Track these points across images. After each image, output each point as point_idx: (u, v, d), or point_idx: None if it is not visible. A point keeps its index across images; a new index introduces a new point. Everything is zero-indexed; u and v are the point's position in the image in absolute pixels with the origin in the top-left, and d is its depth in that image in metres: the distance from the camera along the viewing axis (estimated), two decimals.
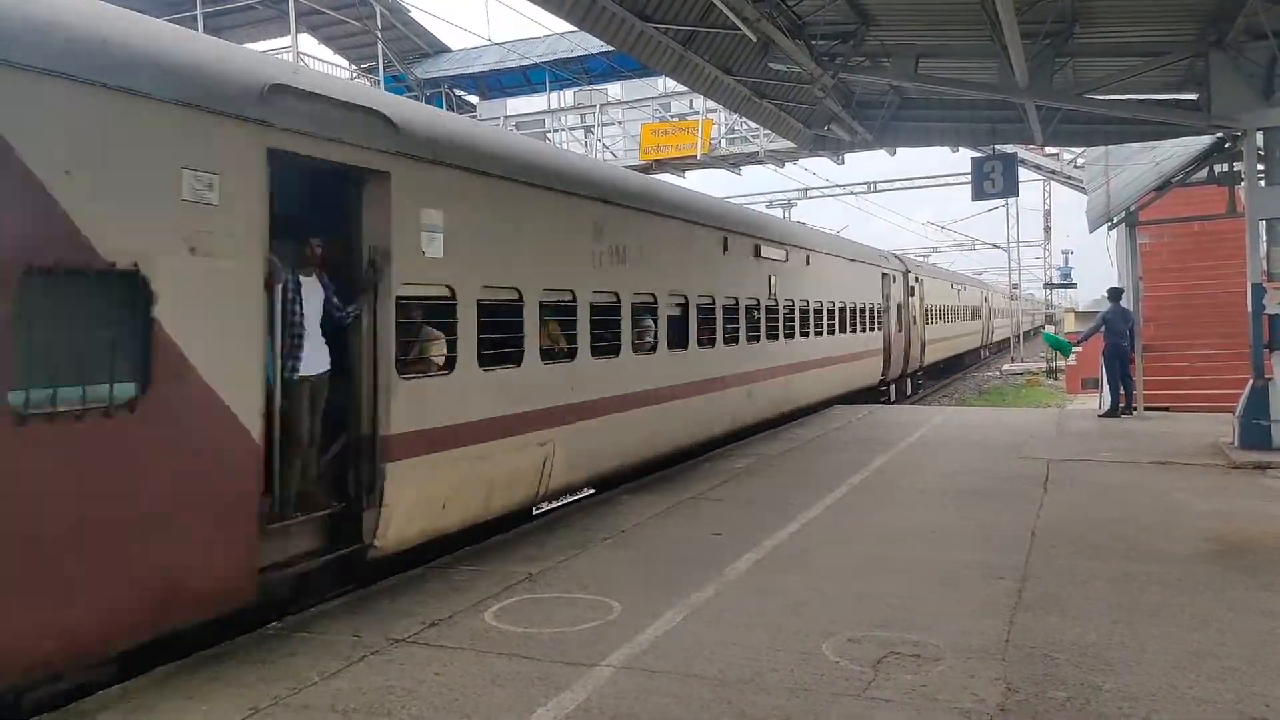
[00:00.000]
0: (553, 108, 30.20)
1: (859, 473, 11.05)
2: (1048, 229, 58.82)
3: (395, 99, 8.15)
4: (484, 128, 12.36)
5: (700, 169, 27.90)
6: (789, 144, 21.23)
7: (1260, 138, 12.21)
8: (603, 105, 28.94)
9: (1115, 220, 17.78)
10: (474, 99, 32.37)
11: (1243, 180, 13.72)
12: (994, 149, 17.29)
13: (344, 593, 6.75)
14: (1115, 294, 16.71)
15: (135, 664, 5.27)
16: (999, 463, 11.62)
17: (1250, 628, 5.55)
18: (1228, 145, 14.73)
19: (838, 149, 19.14)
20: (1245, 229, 12.33)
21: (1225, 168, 15.36)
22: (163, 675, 5.14)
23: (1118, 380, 16.27)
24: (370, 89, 9.12)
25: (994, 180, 16.19)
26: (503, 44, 30.21)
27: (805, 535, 8.06)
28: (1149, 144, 17.34)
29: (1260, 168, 12.28)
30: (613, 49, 13.30)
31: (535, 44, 29.53)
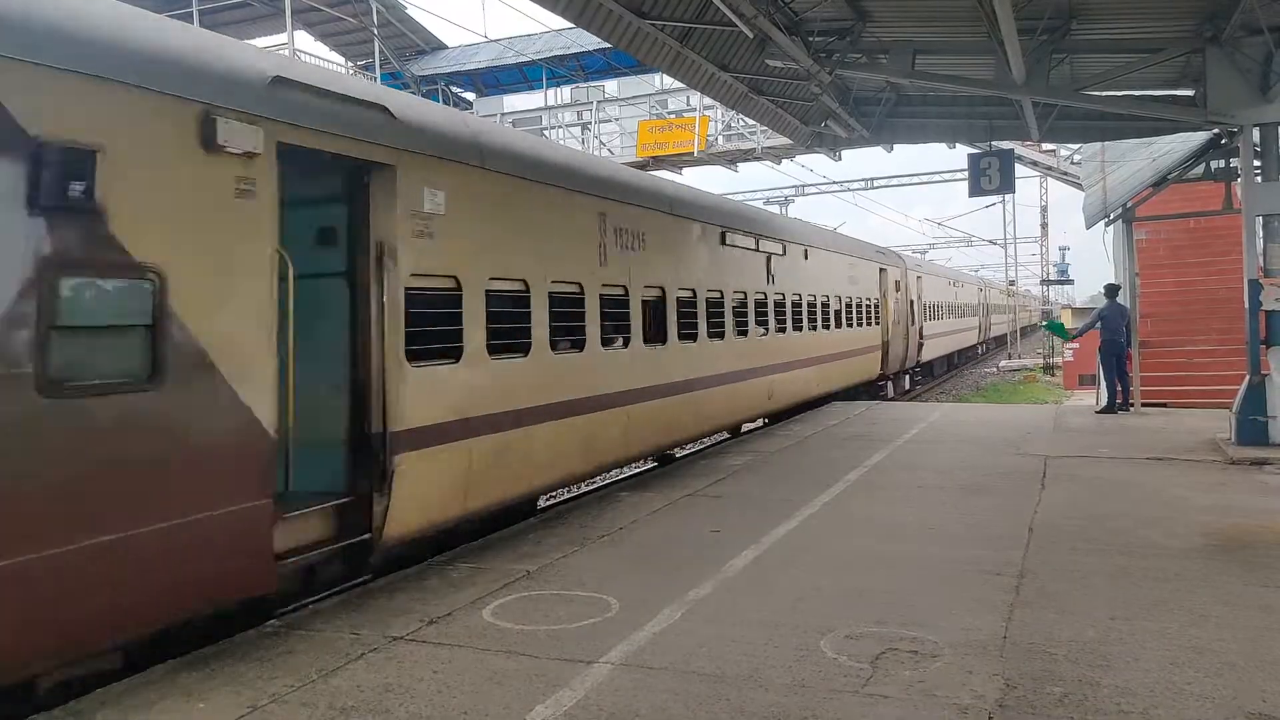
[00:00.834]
0: (549, 105, 30.18)
1: (856, 469, 11.05)
2: (1044, 225, 58.98)
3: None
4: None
5: (697, 166, 27.94)
6: (786, 140, 21.25)
7: (1257, 133, 12.20)
8: (600, 102, 28.93)
9: (1112, 216, 17.78)
10: (470, 96, 32.33)
11: (1239, 176, 13.74)
12: (991, 145, 17.28)
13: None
14: (1112, 290, 16.73)
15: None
16: (996, 459, 11.62)
17: (1248, 623, 5.56)
18: (1224, 141, 14.72)
19: (835, 145, 19.12)
20: (1242, 225, 12.35)
21: (1222, 164, 15.35)
22: (162, 673, 5.14)
23: (1115, 376, 16.29)
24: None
25: (991, 176, 16.17)
26: (499, 41, 30.22)
27: (803, 532, 8.06)
28: (1146, 140, 17.36)
29: (1257, 164, 12.28)
30: (610, 46, 13.28)
31: (532, 41, 29.54)
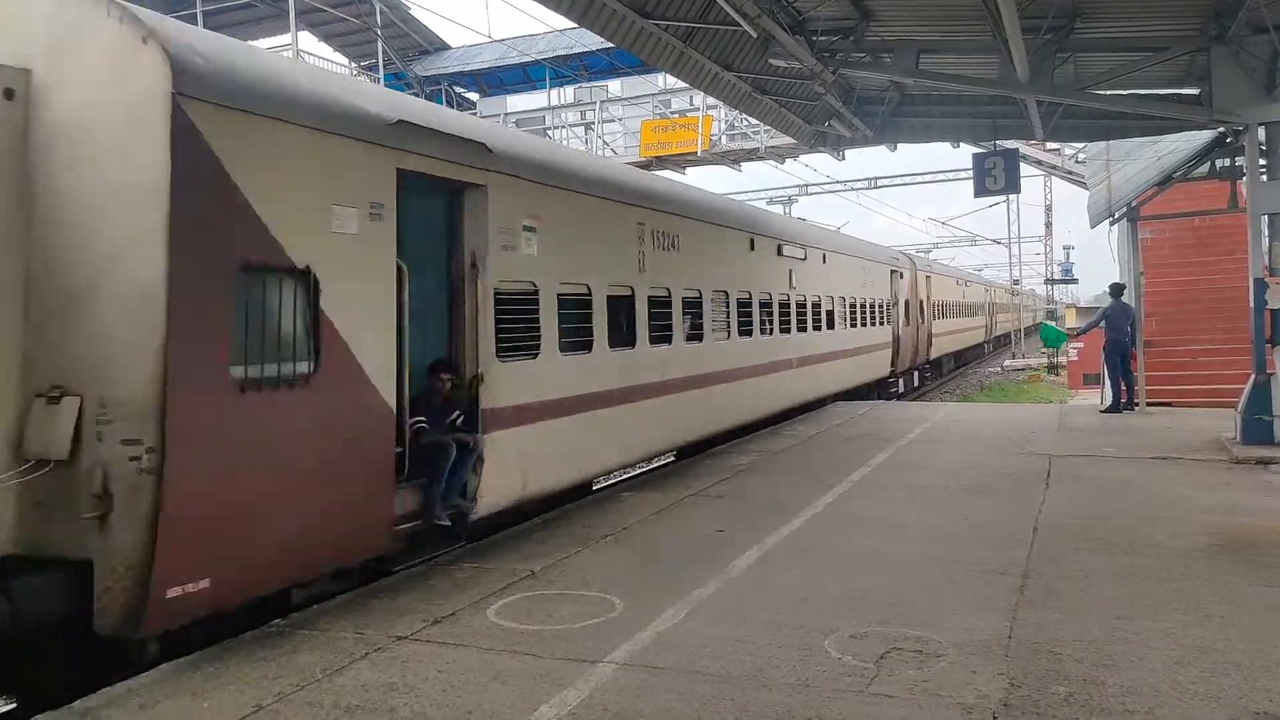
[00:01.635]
0: (553, 105, 30.19)
1: (861, 469, 11.05)
2: (1049, 224, 58.87)
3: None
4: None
5: (701, 165, 27.92)
6: (789, 140, 21.23)
7: (1262, 132, 12.18)
8: (603, 102, 28.92)
9: (1117, 215, 17.74)
10: (474, 96, 32.34)
11: (1244, 175, 13.70)
12: (995, 145, 17.27)
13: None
14: (1117, 289, 16.69)
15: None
16: (1001, 458, 11.61)
17: (1253, 623, 5.55)
18: (1229, 140, 14.69)
19: (838, 145, 19.12)
20: (1247, 224, 12.32)
21: (1227, 162, 15.32)
22: (168, 672, 5.16)
23: (1119, 376, 16.26)
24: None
25: (995, 176, 16.16)
26: (503, 41, 30.22)
27: (807, 531, 8.07)
28: (1150, 139, 17.31)
29: (1262, 162, 12.25)
30: (613, 46, 13.29)
31: (535, 41, 29.51)
